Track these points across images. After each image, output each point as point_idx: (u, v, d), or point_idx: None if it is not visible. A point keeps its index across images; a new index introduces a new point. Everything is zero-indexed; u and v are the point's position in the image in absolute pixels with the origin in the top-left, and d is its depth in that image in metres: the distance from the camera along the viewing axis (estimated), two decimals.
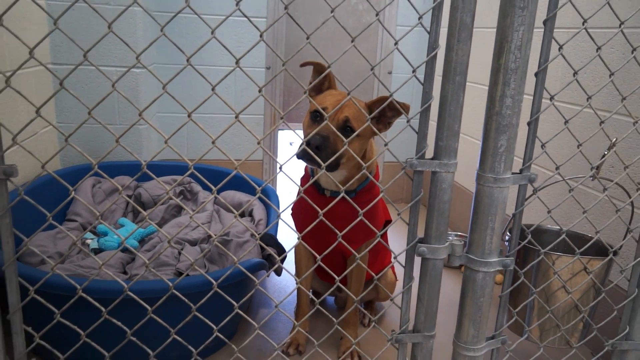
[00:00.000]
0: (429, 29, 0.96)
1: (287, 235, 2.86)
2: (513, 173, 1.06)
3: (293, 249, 1.74)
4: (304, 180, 1.67)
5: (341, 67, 3.25)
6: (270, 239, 1.83)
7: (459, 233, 2.83)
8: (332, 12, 0.91)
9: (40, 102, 2.26)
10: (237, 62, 0.89)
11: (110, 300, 1.01)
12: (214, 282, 1.04)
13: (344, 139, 1.02)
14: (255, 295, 2.02)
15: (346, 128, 1.46)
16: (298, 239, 1.07)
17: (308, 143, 1.37)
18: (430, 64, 0.98)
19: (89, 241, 1.89)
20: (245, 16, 0.89)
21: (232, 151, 3.21)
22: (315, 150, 1.38)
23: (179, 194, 2.28)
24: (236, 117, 0.94)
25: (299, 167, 4.52)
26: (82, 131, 2.49)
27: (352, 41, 0.92)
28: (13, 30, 1.17)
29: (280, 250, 1.80)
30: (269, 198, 2.26)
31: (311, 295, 1.11)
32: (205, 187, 2.44)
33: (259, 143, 0.96)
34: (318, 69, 1.58)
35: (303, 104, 3.35)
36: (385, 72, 3.28)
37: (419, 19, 0.94)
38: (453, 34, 0.95)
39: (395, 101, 1.33)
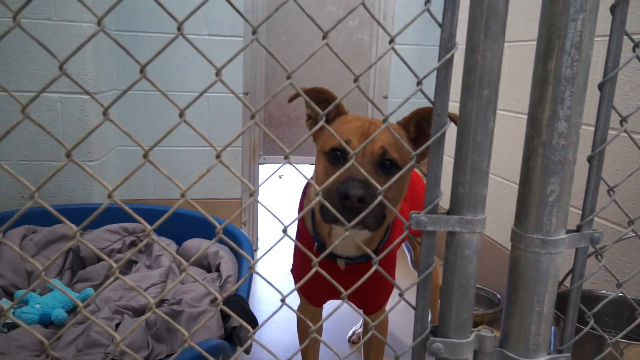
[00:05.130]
0: (440, 21, 0.66)
1: (286, 293, 2.52)
2: (568, 231, 0.76)
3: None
4: (302, 239, 1.28)
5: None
6: (237, 304, 1.50)
7: (481, 286, 2.40)
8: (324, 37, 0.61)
9: None
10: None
11: None
12: None
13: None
14: None
15: (385, 163, 1.08)
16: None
17: (346, 196, 0.97)
18: (444, 72, 0.68)
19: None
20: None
21: (205, 189, 2.89)
22: (359, 205, 0.97)
23: (130, 246, 1.95)
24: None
25: (286, 202, 4.18)
26: (21, 168, 2.17)
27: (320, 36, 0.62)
28: None
29: (250, 321, 1.47)
30: (241, 247, 1.94)
31: None
32: (167, 233, 2.11)
33: (183, 192, 0.65)
34: (318, 96, 1.16)
35: (286, 133, 3.06)
36: (381, 96, 3.00)
37: (426, 3, 0.64)
38: (477, 27, 0.66)
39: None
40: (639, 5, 1.63)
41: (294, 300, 1.40)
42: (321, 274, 0.79)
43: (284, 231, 0.70)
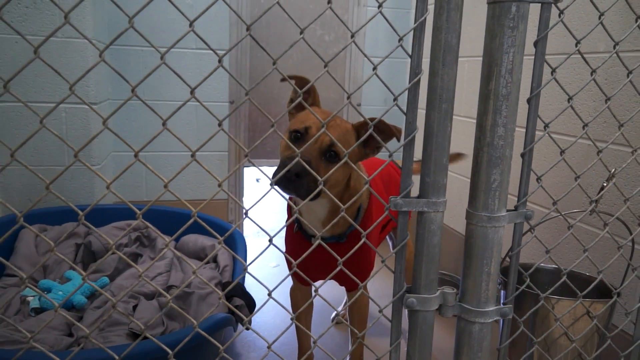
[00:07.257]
0: (410, 52, 0.87)
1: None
2: (508, 210, 0.97)
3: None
4: (290, 224, 1.51)
5: None
6: (237, 288, 1.69)
7: (442, 272, 2.72)
8: (301, 32, 0.82)
9: None
10: (191, 92, 0.78)
11: None
12: (169, 351, 0.90)
13: (315, 174, 0.92)
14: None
15: (330, 152, 1.32)
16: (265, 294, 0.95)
17: (288, 169, 1.22)
18: (413, 91, 0.89)
19: (30, 299, 1.70)
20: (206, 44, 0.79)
21: (195, 191, 3.06)
22: (295, 178, 1.23)
23: (135, 241, 2.12)
24: (192, 155, 0.83)
25: (265, 206, 4.38)
26: (25, 173, 2.31)
27: (324, 66, 0.83)
28: None
29: (249, 301, 1.66)
30: (235, 242, 2.12)
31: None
32: (164, 231, 2.28)
33: (219, 185, 0.84)
34: (299, 84, 1.40)
35: (269, 139, 3.25)
36: (354, 104, 3.22)
37: (399, 40, 0.85)
38: (437, 58, 0.87)
39: (386, 123, 1.23)
40: (561, 28, 1.92)
41: (282, 292, 1.59)
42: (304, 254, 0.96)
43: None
